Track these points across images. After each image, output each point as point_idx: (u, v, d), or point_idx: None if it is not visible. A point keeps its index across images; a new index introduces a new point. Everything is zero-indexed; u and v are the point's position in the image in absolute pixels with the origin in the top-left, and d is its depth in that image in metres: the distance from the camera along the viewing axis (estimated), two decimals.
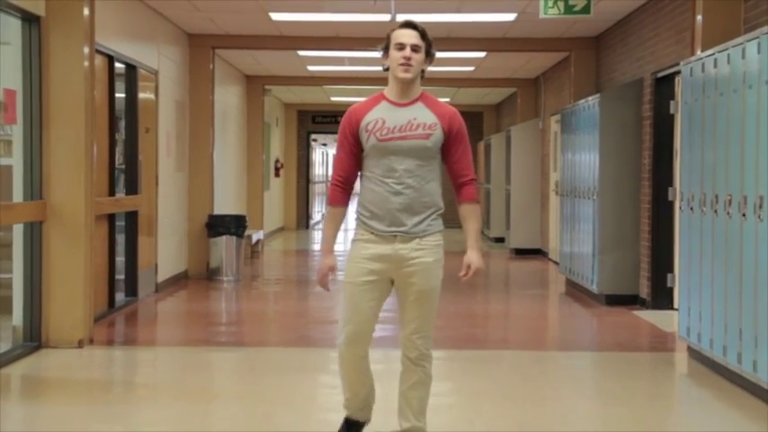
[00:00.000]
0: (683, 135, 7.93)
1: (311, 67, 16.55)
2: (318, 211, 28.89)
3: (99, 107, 8.91)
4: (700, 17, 8.02)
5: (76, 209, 7.87)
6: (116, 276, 9.86)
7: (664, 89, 10.13)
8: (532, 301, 11.68)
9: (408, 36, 4.59)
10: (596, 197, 10.85)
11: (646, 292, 10.37)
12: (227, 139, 15.65)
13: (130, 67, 10.46)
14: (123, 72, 10.29)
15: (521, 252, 17.26)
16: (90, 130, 8.03)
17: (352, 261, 4.65)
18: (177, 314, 10.56)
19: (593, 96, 11.31)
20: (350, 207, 5.01)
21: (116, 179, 9.95)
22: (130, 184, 10.55)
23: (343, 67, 16.41)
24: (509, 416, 5.94)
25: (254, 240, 15.92)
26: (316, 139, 27.50)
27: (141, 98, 10.76)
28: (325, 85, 18.98)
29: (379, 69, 4.71)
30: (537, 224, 17.26)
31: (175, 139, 12.40)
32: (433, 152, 4.60)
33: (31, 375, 7.06)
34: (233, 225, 13.08)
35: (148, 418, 5.88)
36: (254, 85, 18.09)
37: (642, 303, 10.43)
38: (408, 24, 4.64)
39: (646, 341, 8.74)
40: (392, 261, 4.59)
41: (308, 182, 25.83)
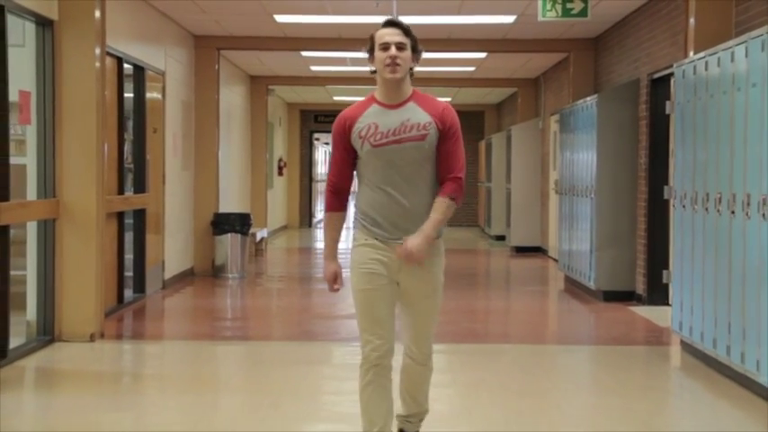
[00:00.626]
0: (676, 135, 8.07)
1: (314, 68, 16.68)
2: (321, 209, 28.97)
3: (109, 108, 9.06)
4: (692, 20, 8.15)
5: (88, 207, 8.04)
6: (125, 273, 10.02)
7: (660, 90, 10.26)
8: (532, 298, 11.83)
9: (392, 34, 4.37)
10: (594, 196, 10.97)
11: (642, 288, 10.51)
12: (231, 139, 15.77)
13: (138, 69, 10.61)
14: (131, 73, 10.45)
15: (521, 250, 17.37)
16: (101, 130, 8.19)
17: (358, 268, 4.43)
18: (184, 310, 10.73)
19: (591, 97, 11.41)
20: (349, 207, 5.07)
21: (125, 178, 10.10)
22: (139, 183, 10.69)
23: (345, 68, 16.53)
24: (507, 406, 6.10)
25: (258, 238, 16.03)
26: (318, 139, 27.59)
27: (149, 98, 10.91)
28: (327, 85, 19.07)
29: None
30: (537, 222, 17.36)
31: (182, 138, 12.54)
32: (429, 152, 4.37)
33: (45, 368, 7.29)
34: (238, 223, 13.18)
35: (157, 408, 6.06)
36: (257, 85, 18.20)
37: (638, 299, 10.58)
38: (391, 23, 4.40)
39: (641, 335, 8.91)
40: (395, 265, 4.41)
41: (310, 180, 25.93)
